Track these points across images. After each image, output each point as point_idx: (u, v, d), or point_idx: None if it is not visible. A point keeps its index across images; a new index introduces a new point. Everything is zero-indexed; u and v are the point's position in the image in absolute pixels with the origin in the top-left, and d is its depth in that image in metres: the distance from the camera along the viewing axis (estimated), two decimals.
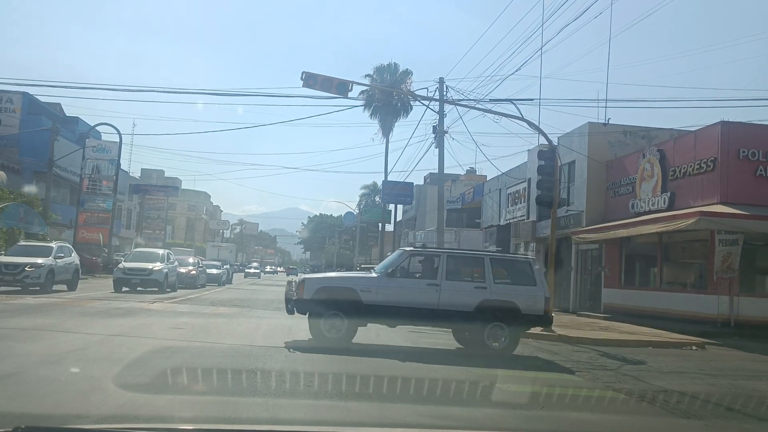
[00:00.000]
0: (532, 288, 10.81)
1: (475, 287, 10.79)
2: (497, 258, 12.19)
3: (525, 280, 10.94)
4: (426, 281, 10.85)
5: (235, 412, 5.36)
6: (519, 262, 12.49)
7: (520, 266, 11.70)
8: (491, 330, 10.50)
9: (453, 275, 10.87)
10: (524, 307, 10.61)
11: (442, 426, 5.37)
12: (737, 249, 15.67)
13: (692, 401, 7.06)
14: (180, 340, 9.69)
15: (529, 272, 11.04)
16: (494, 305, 10.54)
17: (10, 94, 33.50)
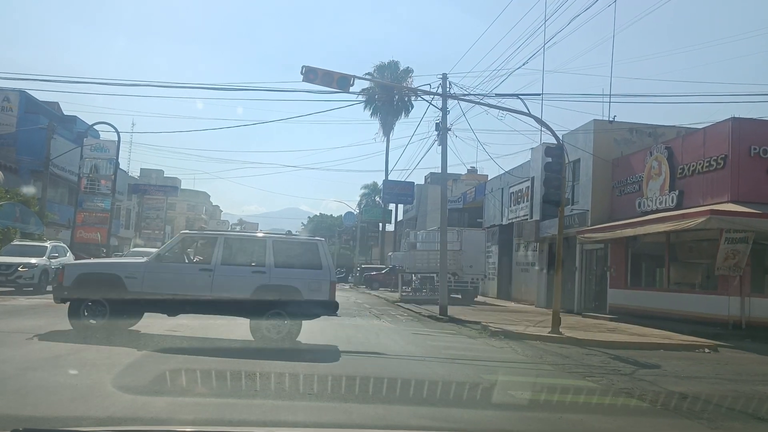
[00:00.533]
0: (317, 272, 10.10)
1: (253, 272, 10.03)
2: (280, 240, 11.24)
3: (310, 263, 10.22)
4: (199, 266, 10.16)
5: (235, 413, 5.35)
6: (304, 244, 11.55)
7: (305, 248, 10.86)
8: (270, 318, 9.80)
9: (230, 259, 10.14)
10: (307, 292, 9.94)
11: (447, 428, 5.35)
12: (746, 248, 15.29)
13: (717, 409, 6.70)
14: (178, 342, 9.48)
15: (315, 255, 10.31)
16: (272, 290, 9.82)
17: (7, 92, 33.13)
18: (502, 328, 14.22)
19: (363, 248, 58.14)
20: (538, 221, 25.57)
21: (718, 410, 6.63)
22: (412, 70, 46.60)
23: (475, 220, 36.14)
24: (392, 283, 35.30)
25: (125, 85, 29.51)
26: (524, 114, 14.99)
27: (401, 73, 46.03)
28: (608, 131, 21.53)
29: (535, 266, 26.80)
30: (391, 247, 50.62)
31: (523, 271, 28.90)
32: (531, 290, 26.98)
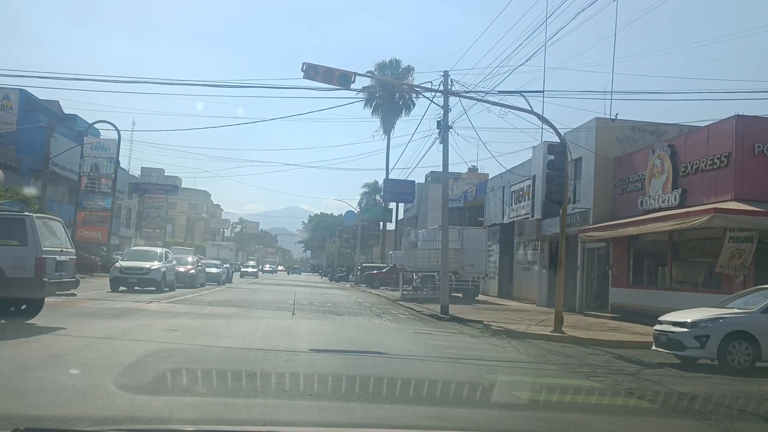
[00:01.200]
0: (22, 248, 9.66)
1: None
2: None
3: (15, 238, 9.78)
4: None
5: (235, 413, 5.32)
6: (10, 219, 10.55)
7: (10, 224, 10.21)
8: None
9: None
10: (10, 270, 9.54)
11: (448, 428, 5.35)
12: (751, 247, 15.18)
13: (724, 410, 6.61)
14: (177, 342, 9.42)
15: (21, 231, 9.86)
16: None
17: (7, 90, 33.05)
18: (503, 327, 14.12)
19: (364, 247, 58.04)
20: (540, 220, 25.46)
21: (726, 411, 6.56)
22: (413, 69, 46.50)
23: (476, 218, 36.04)
24: (393, 282, 35.23)
25: (125, 82, 29.49)
26: (526, 111, 14.89)
27: (402, 71, 45.91)
28: (610, 129, 21.41)
29: (536, 265, 26.70)
30: (391, 246, 50.53)
31: (524, 269, 28.80)
32: (532, 289, 26.88)
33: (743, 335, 10.08)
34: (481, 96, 17.24)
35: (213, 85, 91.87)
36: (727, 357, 9.95)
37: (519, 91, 16.24)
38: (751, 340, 10.01)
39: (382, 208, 54.73)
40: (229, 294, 24.23)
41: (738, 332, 10.12)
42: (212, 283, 31.23)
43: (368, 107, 47.01)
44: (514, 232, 28.87)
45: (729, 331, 10.09)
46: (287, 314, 15.75)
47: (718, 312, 11.05)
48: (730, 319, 10.42)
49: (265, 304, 19.22)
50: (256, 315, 15.37)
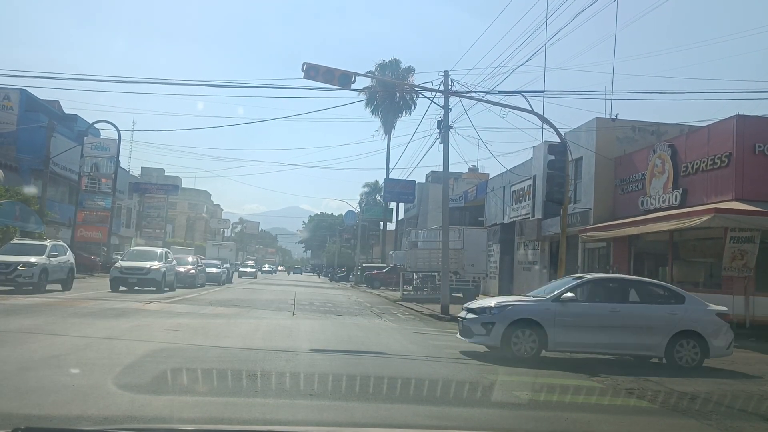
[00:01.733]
0: None
1: None
2: None
3: None
4: None
5: (236, 413, 5.31)
6: None
7: None
8: None
9: None
10: None
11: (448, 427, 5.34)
12: (753, 247, 15.14)
13: (724, 409, 6.61)
14: (177, 342, 9.41)
15: None
16: None
17: (7, 91, 33.05)
18: None
19: (364, 247, 58.06)
20: (540, 220, 25.45)
21: (726, 411, 6.56)
22: (413, 69, 46.50)
23: (476, 218, 36.02)
24: (393, 282, 35.22)
25: (125, 82, 29.50)
26: (527, 111, 14.88)
27: (403, 71, 45.90)
28: (611, 129, 21.40)
29: (536, 265, 26.69)
30: (392, 245, 50.51)
31: (524, 270, 28.77)
32: (533, 289, 26.76)
33: (530, 323, 9.79)
34: (482, 96, 17.25)
35: (213, 85, 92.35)
36: (511, 345, 9.66)
37: (519, 91, 16.25)
38: (539, 328, 9.74)
39: (382, 208, 54.72)
40: (230, 294, 24.23)
41: (525, 320, 9.82)
42: (212, 283, 31.21)
43: (369, 107, 47.02)
44: (514, 232, 28.84)
45: (515, 319, 9.80)
46: (287, 314, 15.75)
47: (513, 299, 10.92)
48: (517, 307, 10.18)
49: (265, 304, 19.22)
50: (257, 315, 15.37)
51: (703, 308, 10.39)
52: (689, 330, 9.90)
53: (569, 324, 9.86)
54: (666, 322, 9.97)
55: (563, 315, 9.88)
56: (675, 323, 9.94)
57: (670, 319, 10.01)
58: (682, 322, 9.96)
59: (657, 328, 9.94)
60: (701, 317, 10.11)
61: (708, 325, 10.03)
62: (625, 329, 9.94)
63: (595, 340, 9.92)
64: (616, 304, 10.28)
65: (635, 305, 10.49)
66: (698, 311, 10.25)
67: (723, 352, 10.12)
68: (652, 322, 10.03)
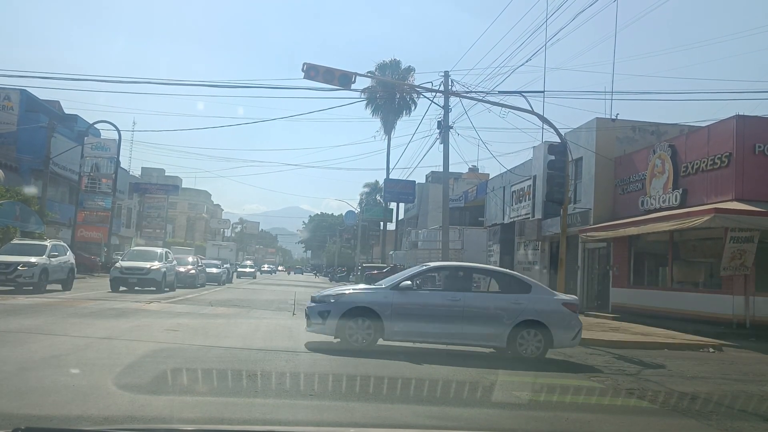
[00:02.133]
0: None
1: None
2: None
3: None
4: None
5: (236, 413, 5.31)
6: None
7: None
8: None
9: None
10: None
11: (447, 427, 5.34)
12: (752, 247, 15.19)
13: (724, 410, 6.61)
14: (177, 342, 9.40)
15: None
16: None
17: (7, 91, 33.05)
18: None
19: (364, 247, 58.09)
20: (540, 220, 25.45)
21: (726, 411, 6.55)
22: (413, 69, 46.48)
23: (476, 218, 36.02)
24: None
25: (126, 82, 29.56)
26: (527, 111, 14.88)
27: (403, 71, 45.89)
28: (611, 129, 21.40)
29: (537, 265, 26.69)
30: (392, 245, 50.52)
31: (524, 270, 28.74)
32: None
33: (366, 312, 9.52)
34: (482, 96, 17.25)
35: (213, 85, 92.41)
36: (346, 334, 9.45)
37: (519, 92, 16.24)
38: (375, 317, 9.48)
39: (382, 208, 54.69)
40: (230, 294, 24.22)
41: (361, 308, 9.56)
42: (212, 283, 31.20)
43: (369, 107, 47.00)
44: (514, 232, 28.85)
45: (350, 308, 9.56)
46: (287, 314, 15.74)
47: (354, 288, 10.76)
48: (353, 295, 9.98)
49: (265, 304, 19.21)
50: (257, 315, 15.36)
51: (550, 298, 10.12)
52: (533, 320, 9.61)
53: (407, 313, 9.60)
54: (509, 312, 9.71)
55: (401, 303, 9.63)
56: (518, 313, 9.67)
57: (513, 308, 9.74)
58: (525, 311, 9.67)
59: (499, 317, 9.69)
60: (546, 307, 9.81)
61: (553, 314, 9.73)
62: (466, 319, 9.65)
63: (433, 329, 9.63)
64: (457, 293, 9.95)
65: (478, 294, 10.21)
66: (543, 301, 9.95)
67: (568, 342, 9.88)
68: (494, 312, 9.78)
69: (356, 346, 9.34)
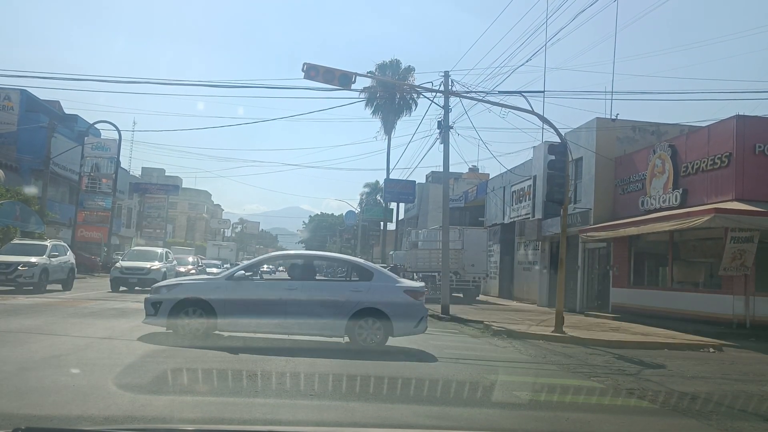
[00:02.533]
0: None
1: None
2: None
3: None
4: None
5: (236, 413, 5.31)
6: None
7: None
8: None
9: None
10: None
11: (444, 427, 5.33)
12: (752, 247, 15.20)
13: (724, 410, 6.61)
14: (179, 341, 9.36)
15: None
16: None
17: (8, 91, 33.07)
18: (504, 327, 14.11)
19: (364, 247, 58.06)
20: (540, 220, 25.45)
21: (726, 411, 6.54)
22: (413, 69, 46.42)
23: (476, 218, 36.02)
24: None
25: (126, 82, 29.60)
26: (527, 111, 14.87)
27: (403, 71, 45.85)
28: (611, 129, 21.41)
29: (537, 265, 26.69)
30: (392, 246, 50.47)
31: (525, 270, 28.79)
32: (533, 289, 26.87)
33: (199, 303, 9.34)
34: (482, 96, 17.23)
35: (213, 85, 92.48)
36: (178, 325, 9.32)
37: (519, 91, 16.23)
38: (208, 308, 9.31)
39: (382, 208, 54.67)
40: None
41: (194, 299, 9.38)
42: None
43: (369, 107, 46.96)
44: (514, 232, 28.86)
45: (182, 298, 9.37)
46: None
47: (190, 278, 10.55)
48: (186, 285, 9.78)
49: None
50: None
51: (391, 285, 9.87)
52: (373, 308, 9.44)
53: (241, 303, 9.41)
54: (348, 300, 9.53)
55: (235, 294, 9.44)
56: (357, 301, 9.49)
57: (352, 297, 9.56)
58: (364, 300, 9.51)
59: (338, 306, 9.51)
60: (386, 294, 9.61)
61: (393, 302, 9.55)
62: (303, 308, 9.47)
63: (269, 319, 9.44)
64: (294, 282, 9.79)
65: (316, 283, 9.94)
66: (384, 288, 9.73)
67: (410, 330, 9.73)
68: (332, 301, 9.59)
69: (189, 337, 9.19)
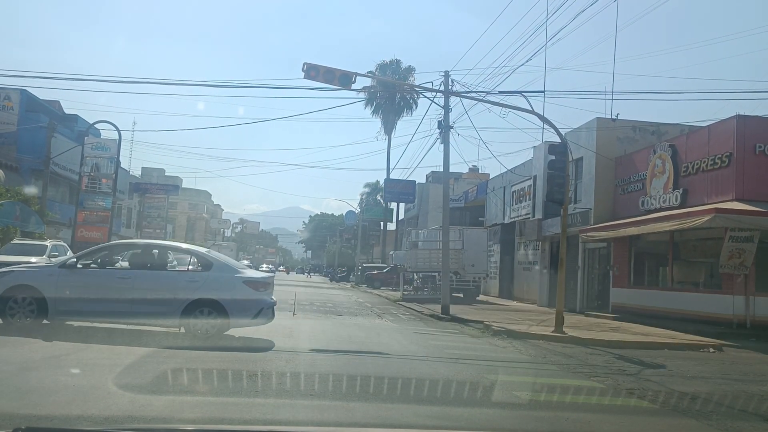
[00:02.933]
0: None
1: None
2: None
3: None
4: None
5: (236, 413, 5.31)
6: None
7: None
8: None
9: None
10: None
11: (443, 427, 5.33)
12: (752, 246, 15.20)
13: (725, 410, 6.61)
14: (179, 341, 9.38)
15: None
16: None
17: (8, 91, 33.05)
18: (504, 328, 14.12)
19: (364, 247, 58.06)
20: (541, 220, 25.46)
21: (726, 411, 6.54)
22: (414, 69, 46.58)
23: (476, 218, 36.03)
24: (394, 282, 35.22)
25: (126, 82, 29.52)
26: (527, 111, 14.88)
27: (403, 71, 45.94)
28: (611, 129, 21.41)
29: (537, 265, 26.69)
30: (392, 246, 50.52)
31: (525, 270, 28.79)
32: (533, 289, 26.87)
33: (31, 290, 9.24)
34: (482, 96, 17.25)
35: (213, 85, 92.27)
36: (7, 314, 9.19)
37: (520, 91, 16.23)
38: (39, 295, 9.22)
39: (382, 208, 54.71)
40: None
41: (25, 287, 9.28)
42: None
43: (369, 107, 47.04)
44: (514, 232, 28.88)
45: (12, 285, 9.28)
46: (288, 314, 15.73)
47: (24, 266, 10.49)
48: (16, 273, 9.68)
49: None
50: None
51: (230, 276, 9.85)
52: (209, 299, 9.47)
53: (74, 292, 9.36)
54: (183, 290, 9.51)
55: (68, 282, 9.39)
56: (193, 291, 9.49)
57: (188, 286, 9.57)
58: (201, 289, 9.51)
59: (172, 296, 9.47)
60: (223, 285, 9.62)
61: (230, 293, 9.55)
62: (137, 297, 9.42)
63: (101, 308, 9.44)
64: (130, 271, 9.77)
65: (151, 272, 9.91)
66: (222, 279, 9.72)
67: (247, 321, 9.76)
68: (167, 290, 9.54)
69: (19, 326, 9.10)
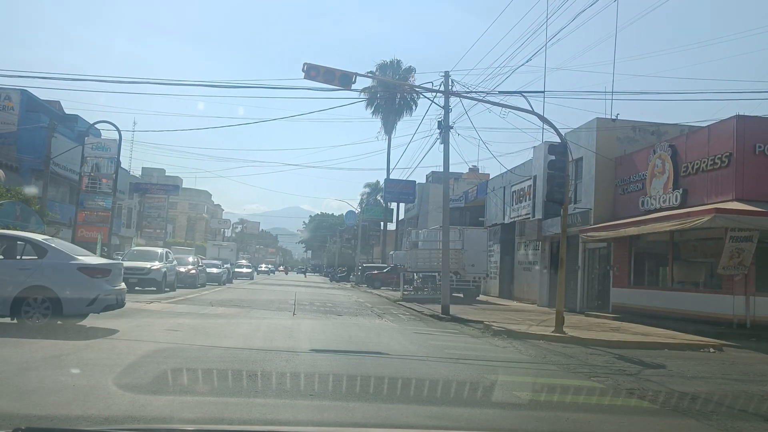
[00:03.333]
0: None
1: None
2: None
3: None
4: None
5: (236, 413, 5.30)
6: None
7: None
8: None
9: None
10: None
11: (443, 427, 5.32)
12: (751, 246, 15.20)
13: (725, 410, 6.61)
14: (178, 342, 9.41)
15: None
16: None
17: (8, 91, 33.06)
18: (504, 328, 14.12)
19: (364, 247, 58.07)
20: (541, 220, 25.45)
21: (726, 411, 6.54)
22: (414, 69, 46.58)
23: (476, 218, 36.03)
24: (394, 282, 35.23)
25: (126, 82, 29.62)
26: (527, 111, 14.88)
27: (403, 71, 45.93)
28: (611, 129, 21.41)
29: (537, 265, 26.69)
30: (392, 246, 50.53)
31: (525, 270, 28.78)
32: (533, 289, 26.87)
33: None
34: (482, 96, 17.24)
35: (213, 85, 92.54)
36: None
37: (520, 92, 16.23)
38: None
39: (382, 208, 54.71)
40: (230, 294, 24.24)
41: None
42: (213, 283, 31.25)
43: (369, 108, 47.03)
44: (515, 232, 28.87)
45: None
46: (288, 314, 15.76)
47: None
48: None
49: (265, 304, 19.22)
50: (257, 315, 15.37)
51: (64, 263, 9.74)
52: (41, 285, 9.37)
53: None
54: (13, 279, 9.41)
55: None
56: (24, 279, 9.38)
57: (19, 274, 9.45)
58: (32, 278, 9.42)
59: (2, 284, 9.37)
60: (56, 273, 9.53)
61: (63, 280, 9.48)
62: None
63: None
64: None
65: None
66: (55, 266, 9.63)
67: (82, 309, 9.71)
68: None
69: None
